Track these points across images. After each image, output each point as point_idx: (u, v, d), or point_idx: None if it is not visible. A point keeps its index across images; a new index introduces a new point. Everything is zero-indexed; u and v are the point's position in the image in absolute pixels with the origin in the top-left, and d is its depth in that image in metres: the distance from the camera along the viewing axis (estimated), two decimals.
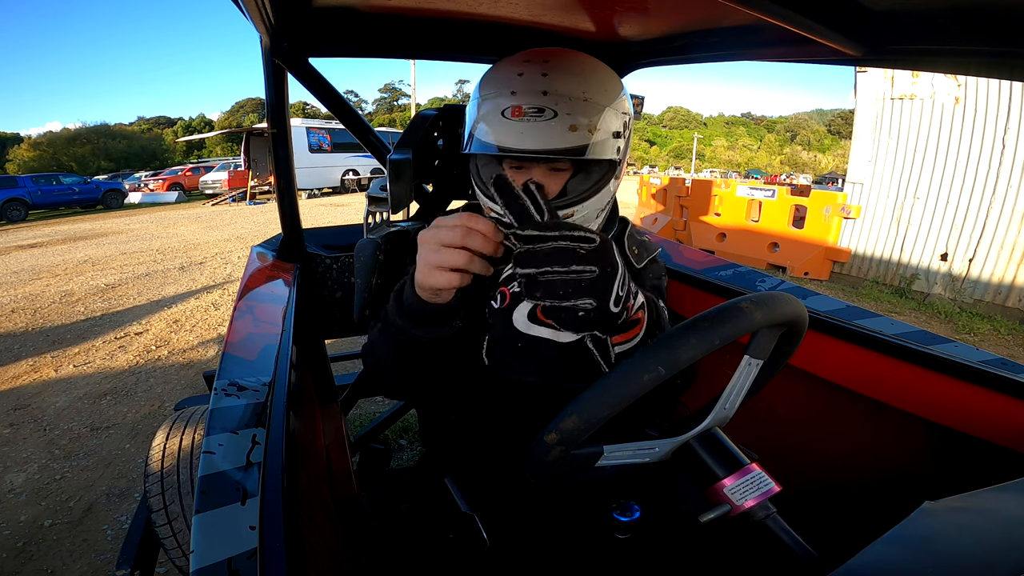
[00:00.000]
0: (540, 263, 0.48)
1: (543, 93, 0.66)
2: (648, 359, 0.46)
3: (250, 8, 0.75)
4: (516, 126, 0.67)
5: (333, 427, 1.19)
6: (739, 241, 6.17)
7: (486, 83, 0.73)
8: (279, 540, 0.43)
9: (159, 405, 2.76)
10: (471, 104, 0.75)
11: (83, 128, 46.98)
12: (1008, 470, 0.71)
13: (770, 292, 0.53)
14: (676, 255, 1.31)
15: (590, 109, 0.67)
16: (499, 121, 0.68)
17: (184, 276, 5.61)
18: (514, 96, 0.67)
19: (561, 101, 0.66)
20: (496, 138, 0.68)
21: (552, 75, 0.68)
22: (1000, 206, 4.36)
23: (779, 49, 0.83)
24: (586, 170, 0.73)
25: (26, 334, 3.89)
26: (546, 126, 0.66)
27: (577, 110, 0.66)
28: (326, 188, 15.80)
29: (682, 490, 0.80)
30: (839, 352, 0.93)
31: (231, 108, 75.75)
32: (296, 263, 1.25)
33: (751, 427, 0.95)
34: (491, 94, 0.70)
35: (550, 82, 0.67)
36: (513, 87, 0.68)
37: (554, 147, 0.66)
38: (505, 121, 0.67)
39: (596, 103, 0.68)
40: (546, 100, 0.66)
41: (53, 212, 14.86)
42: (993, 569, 0.33)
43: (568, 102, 0.66)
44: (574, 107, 0.66)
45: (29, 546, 1.77)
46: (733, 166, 66.54)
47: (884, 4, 0.59)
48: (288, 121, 1.16)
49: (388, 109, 79.39)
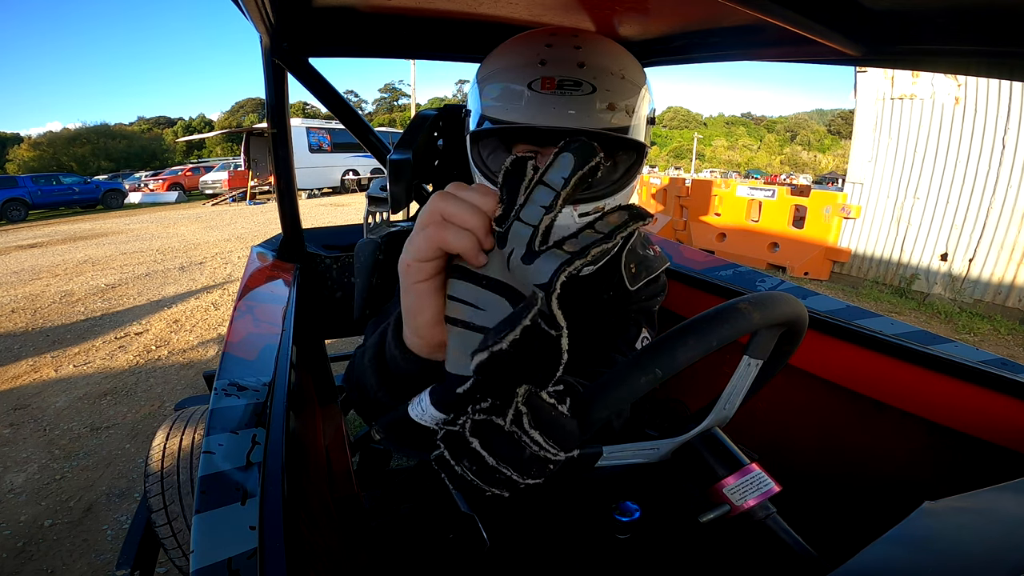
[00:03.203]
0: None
1: (579, 65, 0.59)
2: (646, 361, 0.46)
3: (250, 8, 0.75)
4: (548, 99, 0.58)
5: (333, 427, 1.19)
6: (739, 241, 6.17)
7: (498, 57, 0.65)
8: (279, 540, 0.43)
9: (159, 405, 2.76)
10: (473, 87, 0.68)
11: (83, 128, 46.95)
12: (1008, 470, 0.71)
13: (769, 292, 0.52)
14: (676, 255, 1.31)
15: (628, 89, 0.61)
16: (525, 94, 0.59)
17: (184, 276, 5.61)
18: (544, 67, 0.59)
19: (600, 75, 0.59)
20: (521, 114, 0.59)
21: (586, 48, 0.61)
22: (1000, 206, 4.36)
23: (779, 49, 0.83)
24: (614, 160, 0.66)
25: (26, 334, 3.89)
26: (586, 101, 0.58)
27: (616, 87, 0.60)
28: (326, 188, 15.79)
29: (682, 490, 0.80)
30: (839, 352, 0.93)
31: (231, 108, 75.69)
32: (296, 263, 1.25)
33: (751, 427, 0.95)
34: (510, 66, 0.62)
35: (586, 55, 0.60)
36: (542, 56, 0.59)
37: (593, 127, 0.59)
38: (534, 94, 0.58)
39: (633, 83, 0.62)
40: (583, 73, 0.58)
41: (53, 212, 14.86)
42: (993, 569, 0.32)
43: (608, 77, 0.59)
44: (613, 84, 0.60)
45: (29, 546, 1.77)
46: (733, 166, 66.50)
47: (884, 4, 0.59)
48: (288, 121, 1.16)
49: (388, 109, 79.32)
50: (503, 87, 0.62)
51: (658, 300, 0.84)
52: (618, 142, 0.64)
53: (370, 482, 1.69)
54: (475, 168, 0.69)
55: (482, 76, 0.66)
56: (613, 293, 0.79)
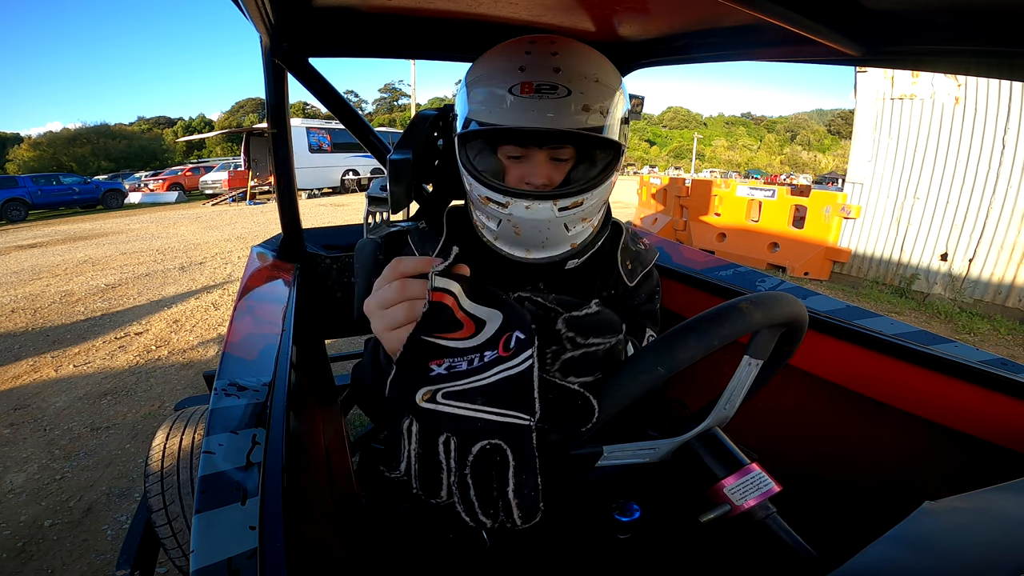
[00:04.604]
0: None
1: (555, 70, 0.63)
2: (647, 361, 0.46)
3: (250, 8, 0.75)
4: (527, 103, 0.63)
5: (333, 427, 1.19)
6: (739, 241, 6.17)
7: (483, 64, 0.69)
8: (279, 540, 0.43)
9: (159, 405, 2.76)
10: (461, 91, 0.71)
11: (83, 128, 46.97)
12: (1008, 470, 0.71)
13: (769, 292, 0.52)
14: (676, 255, 1.31)
15: (602, 91, 0.65)
16: (506, 99, 0.64)
17: (184, 276, 5.61)
18: (523, 72, 0.63)
19: (575, 79, 0.63)
20: (503, 117, 0.64)
21: (562, 55, 0.65)
22: (1000, 206, 4.36)
23: (779, 49, 0.83)
24: (591, 158, 0.71)
25: (26, 334, 3.89)
26: (562, 103, 0.63)
27: (590, 90, 0.64)
28: (326, 188, 15.80)
29: (682, 490, 0.80)
30: (839, 352, 0.93)
31: (231, 108, 75.79)
32: (296, 263, 1.25)
33: (751, 427, 0.95)
34: (493, 72, 0.66)
35: (561, 60, 0.64)
36: (521, 63, 0.64)
37: (569, 127, 0.64)
38: (514, 98, 0.63)
39: (607, 86, 0.66)
40: (559, 77, 0.63)
41: (53, 212, 14.86)
42: (993, 569, 0.32)
43: (582, 81, 0.64)
44: (587, 87, 0.64)
45: (29, 546, 1.77)
46: (733, 166, 66.53)
47: (884, 4, 0.59)
48: (288, 121, 1.16)
49: (388, 109, 79.37)
50: (487, 91, 0.66)
51: (658, 299, 0.87)
52: (593, 141, 0.68)
53: (370, 482, 1.69)
54: (463, 167, 0.72)
55: (468, 81, 0.70)
56: (614, 291, 0.82)
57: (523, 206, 0.67)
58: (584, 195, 0.68)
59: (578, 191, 0.67)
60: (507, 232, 0.72)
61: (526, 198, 0.67)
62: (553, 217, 0.68)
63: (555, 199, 0.67)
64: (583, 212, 0.70)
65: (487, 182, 0.69)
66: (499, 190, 0.68)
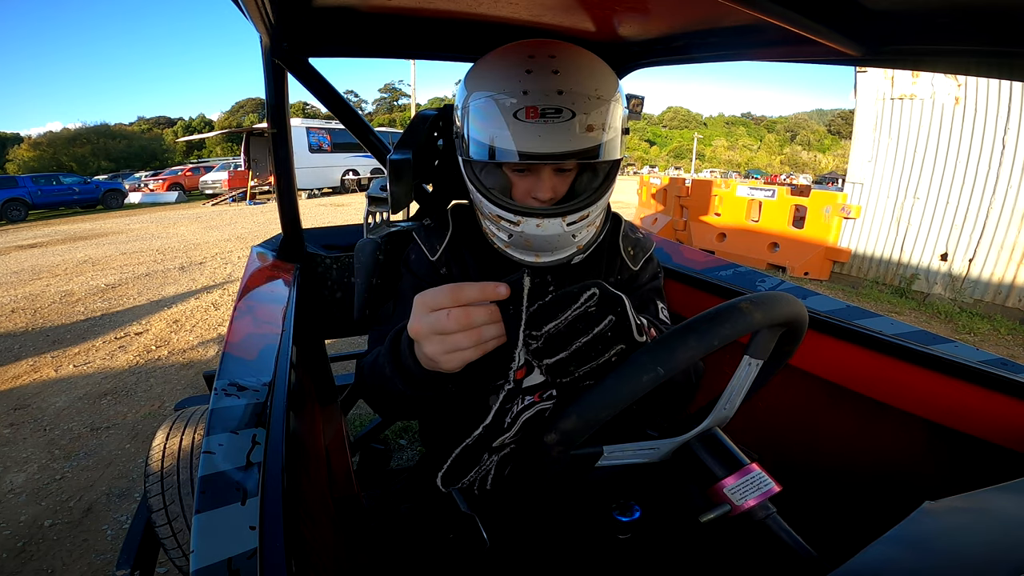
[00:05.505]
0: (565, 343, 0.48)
1: (558, 92, 0.63)
2: (647, 360, 0.46)
3: (250, 8, 0.75)
4: (533, 128, 0.63)
5: (333, 427, 1.19)
6: (739, 241, 6.17)
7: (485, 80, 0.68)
8: (279, 540, 0.43)
9: (159, 405, 2.76)
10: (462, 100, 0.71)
11: (83, 128, 46.94)
12: (1008, 470, 0.71)
13: (769, 292, 0.53)
14: (676, 255, 1.31)
15: (602, 107, 0.66)
16: (511, 123, 0.64)
17: (184, 276, 5.61)
18: (527, 96, 0.63)
19: (578, 100, 0.64)
20: (511, 143, 0.65)
21: (564, 73, 0.65)
22: (1000, 206, 4.36)
23: (779, 49, 0.83)
24: (594, 169, 0.72)
25: (26, 334, 3.89)
26: (566, 127, 0.63)
27: (592, 109, 0.64)
28: (326, 188, 15.79)
29: (682, 490, 0.80)
30: (839, 352, 0.93)
31: (231, 108, 75.75)
32: (296, 263, 1.25)
33: (751, 427, 0.95)
34: (496, 93, 0.66)
35: (563, 80, 0.64)
36: (525, 86, 0.64)
37: (573, 149, 0.64)
38: (519, 123, 0.63)
39: (606, 99, 0.66)
40: (562, 100, 0.63)
41: (53, 212, 14.85)
42: (993, 569, 0.32)
43: (585, 101, 0.64)
44: (589, 106, 0.64)
45: (29, 546, 1.77)
46: (733, 166, 66.51)
47: (884, 4, 0.59)
48: (288, 121, 1.16)
49: (388, 109, 79.33)
50: (491, 114, 0.66)
51: (660, 278, 0.90)
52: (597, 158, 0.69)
53: (370, 482, 1.69)
54: (472, 185, 0.74)
55: (469, 94, 0.69)
56: (620, 277, 0.86)
57: (534, 224, 0.70)
58: (589, 208, 0.70)
59: (585, 204, 0.70)
60: (518, 243, 0.75)
61: (537, 216, 0.69)
62: (563, 232, 0.71)
63: (564, 215, 0.69)
64: (589, 221, 0.72)
65: (499, 202, 0.70)
66: (511, 209, 0.70)
